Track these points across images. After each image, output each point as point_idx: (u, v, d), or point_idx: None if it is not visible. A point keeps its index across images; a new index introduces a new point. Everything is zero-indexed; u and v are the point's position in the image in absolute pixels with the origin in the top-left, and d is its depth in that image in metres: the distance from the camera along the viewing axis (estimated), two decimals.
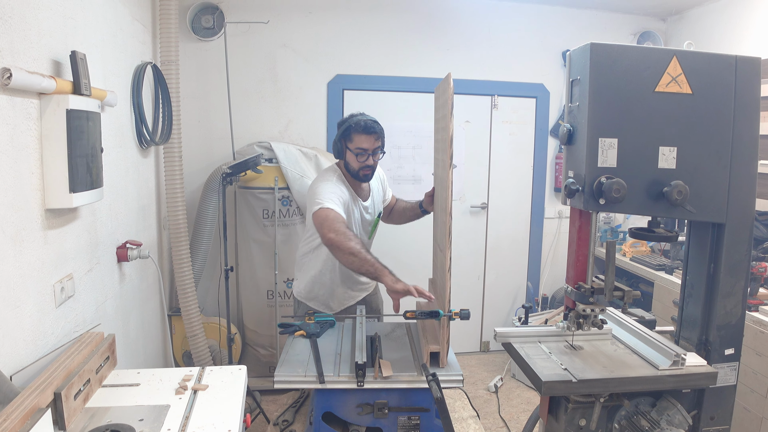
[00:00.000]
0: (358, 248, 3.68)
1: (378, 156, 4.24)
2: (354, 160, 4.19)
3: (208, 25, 6.15)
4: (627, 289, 2.97)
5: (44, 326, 2.91)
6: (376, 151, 4.19)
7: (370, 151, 4.15)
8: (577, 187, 2.88)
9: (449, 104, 3.39)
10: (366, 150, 4.14)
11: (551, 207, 7.47)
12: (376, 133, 4.15)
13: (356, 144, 4.14)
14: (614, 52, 2.81)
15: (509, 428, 5.41)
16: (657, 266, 5.94)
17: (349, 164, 4.24)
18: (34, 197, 2.83)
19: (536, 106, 7.26)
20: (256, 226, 6.01)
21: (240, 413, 2.77)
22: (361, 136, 4.13)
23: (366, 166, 4.20)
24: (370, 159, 4.18)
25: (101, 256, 3.80)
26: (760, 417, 4.33)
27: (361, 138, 4.13)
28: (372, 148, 4.16)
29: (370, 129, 4.12)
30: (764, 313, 4.40)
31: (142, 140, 4.66)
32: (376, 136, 4.16)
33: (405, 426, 3.51)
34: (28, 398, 2.26)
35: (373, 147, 4.16)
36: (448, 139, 3.42)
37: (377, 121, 4.21)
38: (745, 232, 3.02)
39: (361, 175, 4.25)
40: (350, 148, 4.18)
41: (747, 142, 2.94)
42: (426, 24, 6.77)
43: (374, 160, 4.22)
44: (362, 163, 4.18)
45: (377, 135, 4.17)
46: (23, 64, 2.71)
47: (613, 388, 2.94)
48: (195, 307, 5.29)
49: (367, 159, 4.16)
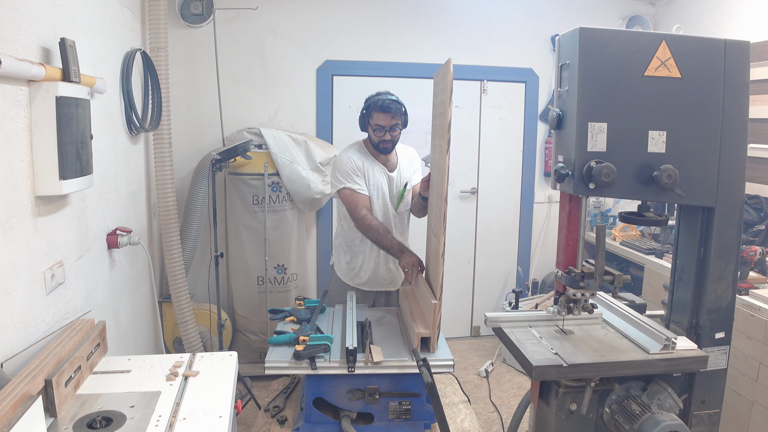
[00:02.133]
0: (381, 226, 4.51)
1: (396, 132, 4.59)
2: (373, 134, 4.59)
3: (197, 11, 6.12)
4: (617, 273, 2.98)
5: (34, 313, 2.91)
6: (393, 128, 4.54)
7: (387, 127, 4.52)
8: (567, 171, 2.89)
9: (448, 90, 3.45)
10: (383, 126, 4.52)
11: (541, 192, 7.48)
12: (391, 111, 4.48)
13: (375, 120, 4.54)
14: (603, 36, 2.81)
15: (500, 413, 5.41)
16: (647, 250, 5.96)
17: (371, 138, 4.67)
18: (23, 184, 2.81)
19: (525, 90, 7.25)
20: (246, 212, 6.01)
21: (231, 399, 2.77)
22: (379, 114, 4.51)
23: (383, 140, 4.58)
24: (387, 134, 4.55)
25: (91, 242, 3.79)
26: (751, 400, 4.35)
27: (379, 116, 4.51)
28: (389, 125, 4.52)
29: (386, 108, 4.48)
30: (754, 296, 4.41)
31: (132, 127, 4.65)
32: (391, 114, 4.49)
33: (396, 411, 3.53)
34: (19, 385, 2.26)
35: (390, 124, 4.52)
36: (446, 125, 3.48)
37: (397, 101, 4.56)
38: (734, 215, 3.03)
39: (381, 148, 4.63)
40: (371, 123, 4.58)
41: (736, 125, 2.94)
42: (415, 9, 6.76)
43: (391, 136, 4.57)
44: (380, 138, 4.56)
45: (392, 114, 4.49)
46: (12, 51, 2.70)
47: (604, 372, 2.96)
48: (185, 293, 5.29)
49: (384, 134, 4.55)
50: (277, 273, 6.14)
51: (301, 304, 4.27)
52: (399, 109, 4.54)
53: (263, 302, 6.10)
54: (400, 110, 4.55)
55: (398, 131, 4.62)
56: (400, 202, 4.78)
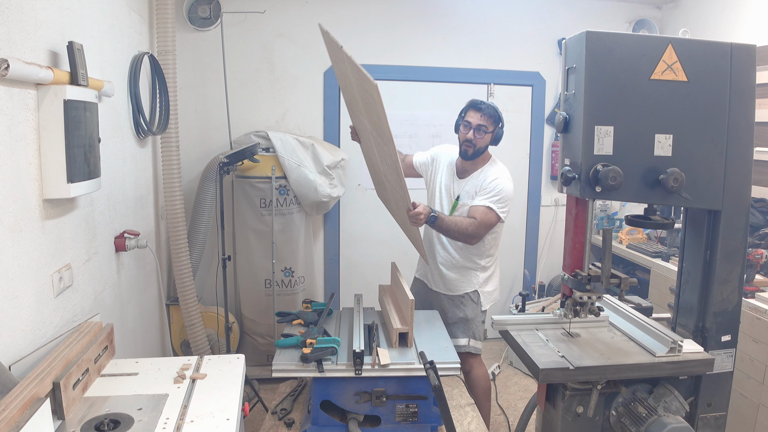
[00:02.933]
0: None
1: (481, 135, 4.55)
2: (461, 130, 4.64)
3: (205, 15, 6.14)
4: (624, 276, 2.97)
5: (43, 316, 2.92)
6: (479, 128, 4.54)
7: (473, 125, 4.55)
8: (574, 174, 2.89)
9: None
10: (470, 123, 4.57)
11: (548, 195, 7.47)
12: (481, 111, 4.56)
13: (466, 117, 4.62)
14: (610, 40, 2.82)
15: (507, 416, 5.42)
16: (653, 253, 5.95)
17: (459, 137, 4.69)
18: (31, 187, 2.83)
19: (532, 94, 7.24)
20: (253, 215, 6.02)
21: (238, 402, 2.77)
22: (470, 111, 4.61)
23: (467, 140, 4.58)
24: (471, 132, 4.55)
25: (99, 245, 3.80)
26: (757, 403, 4.35)
27: (470, 113, 4.60)
28: (476, 124, 4.54)
29: (476, 106, 4.60)
30: (761, 299, 4.41)
31: (140, 130, 4.66)
32: (481, 113, 4.56)
33: (403, 414, 3.53)
34: (27, 388, 2.27)
35: (477, 123, 4.54)
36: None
37: (494, 107, 4.62)
38: (741, 218, 3.04)
39: (462, 149, 4.65)
40: (462, 121, 4.64)
41: (742, 129, 2.95)
42: (422, 13, 6.76)
43: (475, 136, 4.55)
44: (465, 135, 4.59)
45: (482, 114, 4.55)
46: (20, 54, 2.71)
47: (611, 375, 2.96)
48: (193, 296, 5.30)
49: (468, 132, 4.57)
50: (285, 276, 6.15)
51: (308, 307, 4.27)
52: (491, 112, 4.58)
53: (270, 305, 6.10)
54: (491, 114, 4.57)
55: (483, 137, 4.55)
56: (453, 210, 4.72)
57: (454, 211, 4.69)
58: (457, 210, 4.68)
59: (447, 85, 6.95)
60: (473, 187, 4.64)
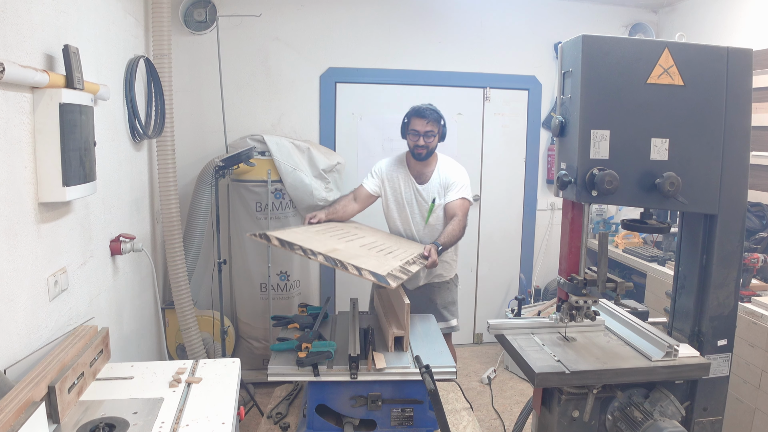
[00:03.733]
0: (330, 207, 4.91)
1: (430, 139, 4.78)
2: (409, 139, 4.85)
3: (201, 18, 6.14)
4: (620, 280, 2.98)
5: (38, 320, 2.91)
6: (427, 134, 4.76)
7: (421, 132, 4.75)
8: (570, 178, 2.89)
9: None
10: (417, 131, 4.76)
11: (544, 199, 7.48)
12: (426, 117, 4.75)
13: (411, 126, 4.80)
14: (606, 44, 2.82)
15: (502, 420, 5.42)
16: (649, 257, 5.96)
17: (408, 144, 4.90)
18: (27, 191, 2.82)
19: (528, 98, 7.25)
20: (249, 219, 6.01)
21: (233, 406, 2.77)
22: (415, 119, 4.78)
23: (417, 146, 4.79)
24: (421, 139, 4.76)
25: (95, 249, 3.79)
26: (753, 408, 4.35)
27: (415, 121, 4.78)
28: (423, 131, 4.75)
29: (421, 113, 4.77)
30: (757, 304, 4.41)
31: (135, 134, 4.65)
32: (426, 120, 4.75)
33: (398, 418, 3.53)
34: (22, 392, 2.26)
35: (424, 129, 4.75)
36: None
37: (435, 110, 4.83)
38: (737, 223, 3.04)
39: (415, 153, 4.85)
40: (408, 129, 4.83)
41: (739, 133, 2.95)
42: (418, 16, 6.77)
43: (425, 142, 4.77)
44: (414, 143, 4.80)
45: (428, 120, 4.75)
46: (16, 58, 2.71)
47: (606, 379, 2.96)
48: (188, 300, 5.29)
49: (418, 139, 4.77)
50: (280, 280, 6.14)
51: (303, 311, 4.28)
52: (435, 116, 4.78)
53: (266, 309, 6.10)
54: (436, 118, 4.78)
55: (432, 139, 4.79)
56: (429, 215, 4.94)
57: (431, 213, 4.93)
58: (434, 212, 4.93)
59: (443, 89, 6.95)
60: (439, 187, 4.93)
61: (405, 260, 3.97)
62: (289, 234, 3.69)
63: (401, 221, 5.03)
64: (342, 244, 3.86)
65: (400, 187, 4.97)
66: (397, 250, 4.27)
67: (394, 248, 4.29)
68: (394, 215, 5.04)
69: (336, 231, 4.32)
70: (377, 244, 4.29)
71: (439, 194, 4.92)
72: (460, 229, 4.77)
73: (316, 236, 3.90)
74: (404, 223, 5.02)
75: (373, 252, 3.97)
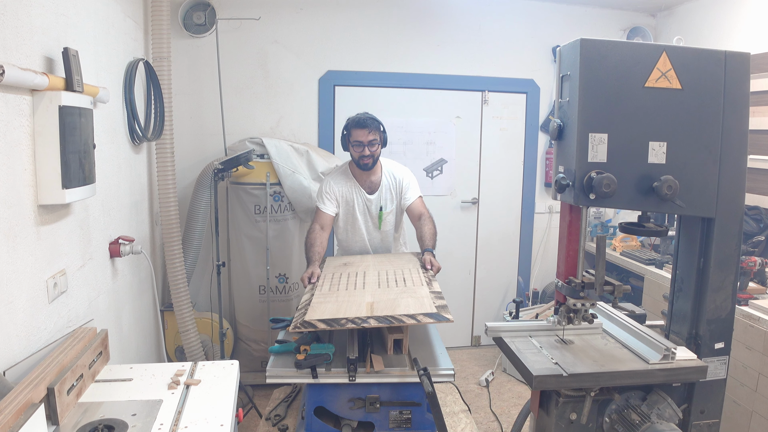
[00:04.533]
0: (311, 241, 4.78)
1: (375, 148, 4.78)
2: (353, 151, 4.82)
3: (200, 21, 6.15)
4: (617, 283, 2.98)
5: (37, 322, 2.92)
6: (371, 143, 4.74)
7: (364, 142, 4.72)
8: (568, 182, 2.90)
9: None
10: (361, 142, 4.73)
11: (542, 202, 7.49)
12: (367, 127, 4.71)
13: (353, 137, 4.76)
14: (604, 47, 2.82)
15: (500, 422, 5.43)
16: (647, 261, 5.96)
17: (352, 155, 4.87)
18: (26, 193, 2.83)
19: (526, 101, 7.27)
20: (247, 222, 6.02)
21: (232, 408, 2.78)
22: (356, 130, 4.73)
23: (363, 156, 4.77)
24: (366, 150, 4.73)
25: (94, 251, 3.80)
26: (750, 410, 4.36)
27: (356, 132, 4.73)
28: (366, 141, 4.72)
29: (361, 123, 4.71)
30: (754, 307, 4.42)
31: (135, 136, 4.66)
32: (368, 129, 4.71)
33: (396, 420, 3.53)
34: (21, 393, 2.27)
35: (368, 139, 4.72)
36: None
37: (374, 118, 4.80)
38: (734, 226, 3.04)
39: (362, 164, 4.83)
40: (350, 141, 4.80)
41: (736, 136, 2.96)
42: (417, 20, 6.78)
43: (370, 151, 4.75)
44: (359, 153, 4.77)
45: (369, 129, 4.71)
46: (15, 60, 2.71)
47: (604, 382, 2.96)
48: (187, 302, 5.30)
49: (363, 150, 4.74)
50: (279, 282, 6.15)
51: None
52: (375, 125, 4.77)
53: (265, 311, 6.11)
54: (376, 126, 4.78)
55: (376, 147, 4.81)
56: (381, 222, 5.08)
57: (381, 221, 5.08)
58: (384, 219, 5.08)
59: (441, 92, 6.97)
60: (388, 195, 5.05)
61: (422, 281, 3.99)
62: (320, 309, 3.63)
63: (353, 233, 5.14)
64: (368, 295, 3.81)
65: (353, 200, 5.02)
66: (401, 270, 4.30)
67: (398, 271, 4.30)
68: (347, 227, 5.13)
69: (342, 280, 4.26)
70: (382, 273, 4.28)
71: (392, 199, 5.06)
72: (434, 224, 4.93)
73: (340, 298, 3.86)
74: (356, 233, 5.13)
75: (393, 287, 3.96)
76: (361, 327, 3.36)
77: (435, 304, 3.52)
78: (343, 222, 5.09)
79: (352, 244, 5.18)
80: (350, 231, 5.12)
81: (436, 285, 3.97)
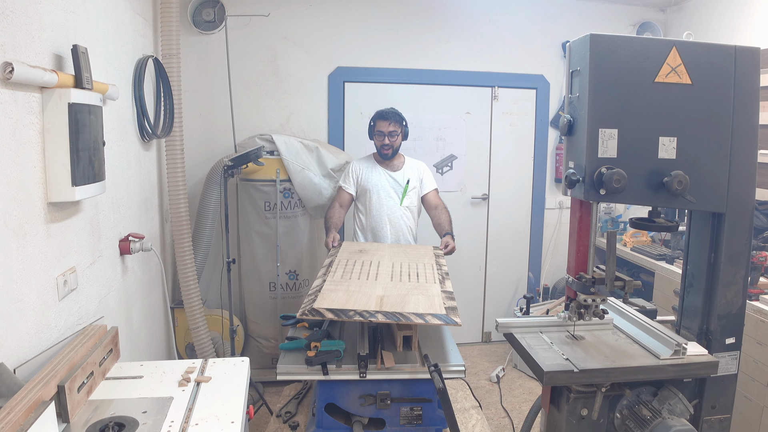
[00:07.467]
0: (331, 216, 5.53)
1: (394, 139, 5.45)
2: (376, 139, 5.52)
3: (209, 18, 6.15)
4: (628, 279, 2.98)
5: (47, 319, 2.92)
6: (391, 134, 5.42)
7: (385, 132, 5.41)
8: (578, 177, 2.89)
9: None
10: (382, 132, 5.42)
11: (552, 198, 7.47)
12: (389, 119, 5.39)
13: (377, 127, 5.46)
14: (614, 42, 2.81)
15: (511, 418, 5.42)
16: (657, 256, 5.95)
17: (375, 144, 5.56)
18: (36, 191, 2.83)
19: (536, 97, 7.25)
20: (257, 219, 6.03)
21: (243, 405, 2.78)
22: (379, 121, 5.44)
23: (384, 145, 5.46)
24: (386, 139, 5.42)
25: (104, 249, 3.80)
26: (761, 406, 4.34)
27: (380, 123, 5.44)
28: (387, 131, 5.40)
29: (384, 116, 5.41)
30: (765, 302, 4.40)
31: (144, 133, 4.66)
32: (389, 122, 5.39)
33: (407, 417, 3.53)
34: (32, 391, 2.27)
35: (388, 130, 5.40)
36: None
37: (397, 112, 5.47)
38: (745, 221, 3.03)
39: (382, 153, 5.54)
40: (374, 131, 5.48)
41: (746, 131, 2.94)
42: (426, 15, 6.77)
43: (390, 141, 5.44)
44: (381, 142, 5.47)
45: (390, 121, 5.40)
46: (25, 58, 2.71)
47: (615, 377, 2.96)
48: (197, 299, 5.30)
49: (384, 139, 5.43)
50: (289, 279, 6.15)
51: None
52: (397, 118, 5.43)
53: (275, 308, 6.11)
54: (398, 120, 5.44)
55: (396, 138, 5.46)
56: (404, 197, 5.57)
57: (405, 195, 5.58)
58: (407, 194, 5.58)
59: (451, 88, 6.97)
60: (413, 173, 5.63)
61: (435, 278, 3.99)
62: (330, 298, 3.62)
63: (385, 205, 5.56)
64: (379, 287, 3.81)
65: (373, 177, 5.57)
66: (415, 264, 4.32)
67: (412, 264, 4.31)
68: (374, 201, 5.56)
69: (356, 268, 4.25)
70: (396, 265, 4.28)
71: (414, 179, 5.61)
72: (449, 215, 5.57)
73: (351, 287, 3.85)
74: (388, 206, 5.56)
75: (405, 282, 3.95)
76: (368, 321, 3.36)
77: (445, 305, 3.51)
78: (367, 197, 5.57)
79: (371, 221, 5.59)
80: (373, 205, 5.56)
81: (449, 284, 3.96)
